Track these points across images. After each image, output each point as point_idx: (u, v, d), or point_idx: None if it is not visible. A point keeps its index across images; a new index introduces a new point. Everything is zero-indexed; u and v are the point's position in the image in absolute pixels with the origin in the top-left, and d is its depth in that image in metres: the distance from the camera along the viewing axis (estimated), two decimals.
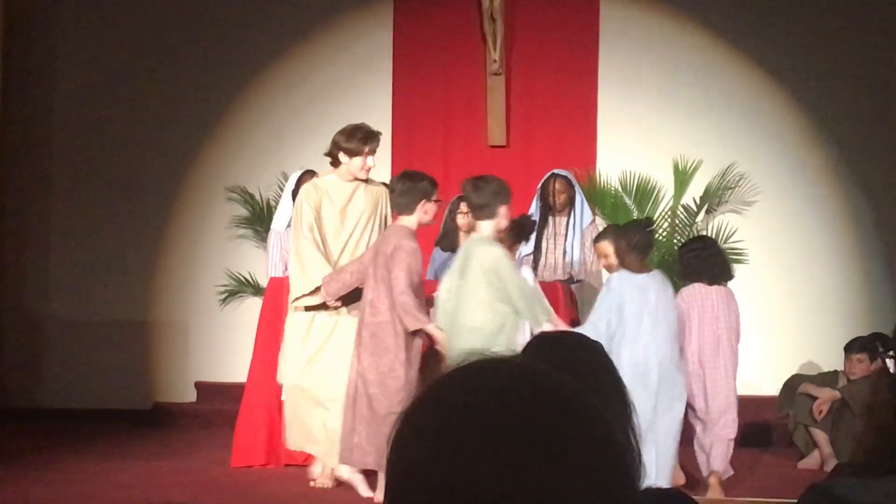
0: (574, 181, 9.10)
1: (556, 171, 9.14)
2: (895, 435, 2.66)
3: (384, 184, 7.62)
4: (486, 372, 1.18)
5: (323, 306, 7.25)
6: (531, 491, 1.08)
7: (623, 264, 6.79)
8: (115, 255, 11.13)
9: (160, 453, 8.74)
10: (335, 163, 7.43)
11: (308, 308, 7.28)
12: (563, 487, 1.09)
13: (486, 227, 6.77)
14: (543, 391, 1.16)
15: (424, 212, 6.99)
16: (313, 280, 7.21)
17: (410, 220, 6.96)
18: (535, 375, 1.18)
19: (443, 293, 6.82)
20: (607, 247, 7.00)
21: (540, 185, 9.08)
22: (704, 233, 10.33)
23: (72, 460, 8.28)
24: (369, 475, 6.96)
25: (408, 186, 6.98)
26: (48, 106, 11.40)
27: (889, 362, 8.10)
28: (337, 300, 7.21)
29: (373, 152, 7.40)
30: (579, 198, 9.01)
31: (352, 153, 7.34)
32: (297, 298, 7.25)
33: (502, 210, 6.79)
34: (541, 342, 2.42)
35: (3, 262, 11.27)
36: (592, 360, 2.28)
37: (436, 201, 7.07)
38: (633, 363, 6.48)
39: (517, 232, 7.44)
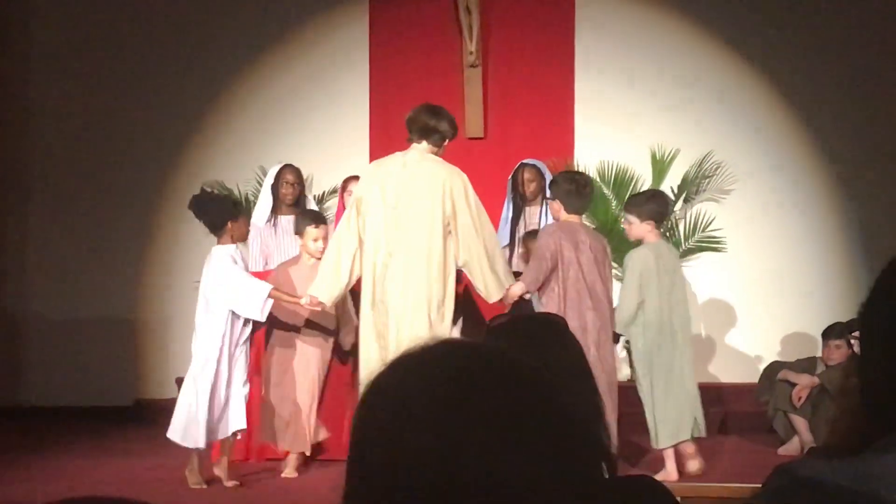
0: (545, 170, 9.06)
1: (525, 160, 9.12)
2: (866, 417, 2.67)
3: None
4: (441, 352, 1.20)
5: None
6: (487, 464, 1.11)
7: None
8: (94, 253, 11.11)
9: (141, 449, 8.73)
10: (435, 142, 7.29)
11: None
12: (518, 460, 1.11)
13: None
14: (498, 370, 1.18)
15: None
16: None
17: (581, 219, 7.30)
18: (490, 354, 1.20)
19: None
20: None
21: (511, 175, 9.07)
22: (682, 222, 10.36)
23: (53, 458, 8.27)
24: None
25: (588, 189, 7.25)
26: (25, 104, 11.36)
27: (854, 343, 8.11)
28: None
29: None
30: None
31: (447, 142, 7.35)
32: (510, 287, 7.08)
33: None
34: (504, 324, 2.43)
35: None
36: (557, 340, 2.29)
37: None
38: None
39: None
